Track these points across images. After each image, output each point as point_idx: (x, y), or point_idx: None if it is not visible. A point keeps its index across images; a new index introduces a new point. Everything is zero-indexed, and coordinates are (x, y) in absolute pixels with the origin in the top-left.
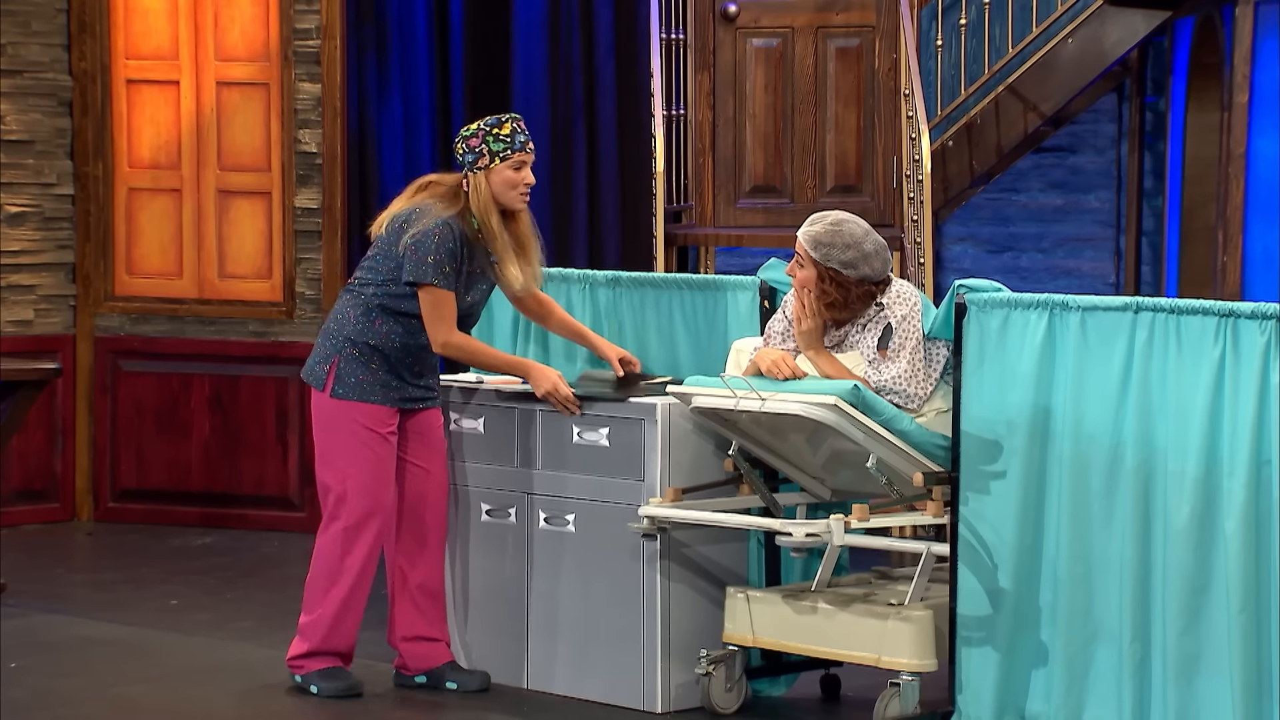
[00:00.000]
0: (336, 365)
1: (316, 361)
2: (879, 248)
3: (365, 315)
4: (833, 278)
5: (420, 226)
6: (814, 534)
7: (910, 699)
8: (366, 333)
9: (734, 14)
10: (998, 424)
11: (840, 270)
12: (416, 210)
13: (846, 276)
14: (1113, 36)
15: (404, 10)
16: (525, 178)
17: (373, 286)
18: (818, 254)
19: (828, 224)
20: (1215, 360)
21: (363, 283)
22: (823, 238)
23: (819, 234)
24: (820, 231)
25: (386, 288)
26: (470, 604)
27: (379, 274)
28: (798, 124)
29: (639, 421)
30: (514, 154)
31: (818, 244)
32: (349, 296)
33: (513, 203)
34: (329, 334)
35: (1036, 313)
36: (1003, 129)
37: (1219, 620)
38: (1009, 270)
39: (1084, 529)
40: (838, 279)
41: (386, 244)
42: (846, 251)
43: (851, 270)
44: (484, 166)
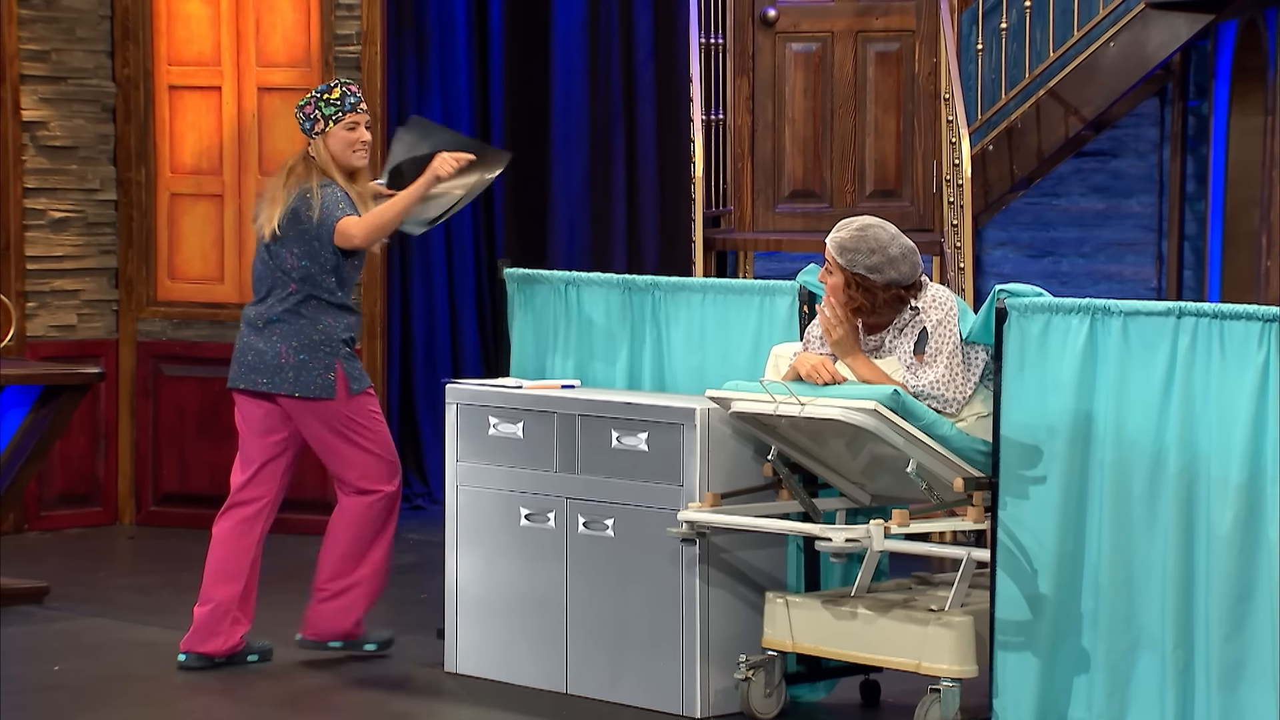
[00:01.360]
0: (341, 367)
1: (316, 374)
2: (906, 252)
3: (334, 312)
4: (859, 283)
5: (321, 200)
6: (854, 539)
7: (951, 705)
8: (340, 327)
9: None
10: (1038, 429)
11: (866, 275)
12: (302, 196)
13: (873, 281)
14: (1155, 40)
15: (444, 15)
16: (360, 136)
17: (324, 287)
18: (844, 259)
19: (853, 230)
20: (1259, 366)
21: (314, 285)
22: (848, 243)
23: (844, 240)
24: (846, 237)
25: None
26: (509, 608)
27: (321, 270)
28: (837, 128)
29: (678, 426)
30: (345, 115)
31: (843, 250)
32: (307, 306)
33: (352, 161)
34: (313, 346)
35: (1078, 318)
36: (1043, 133)
37: (1264, 627)
38: (1049, 275)
39: (1126, 535)
40: (864, 284)
41: (302, 241)
42: (871, 257)
43: (877, 275)
44: (320, 131)
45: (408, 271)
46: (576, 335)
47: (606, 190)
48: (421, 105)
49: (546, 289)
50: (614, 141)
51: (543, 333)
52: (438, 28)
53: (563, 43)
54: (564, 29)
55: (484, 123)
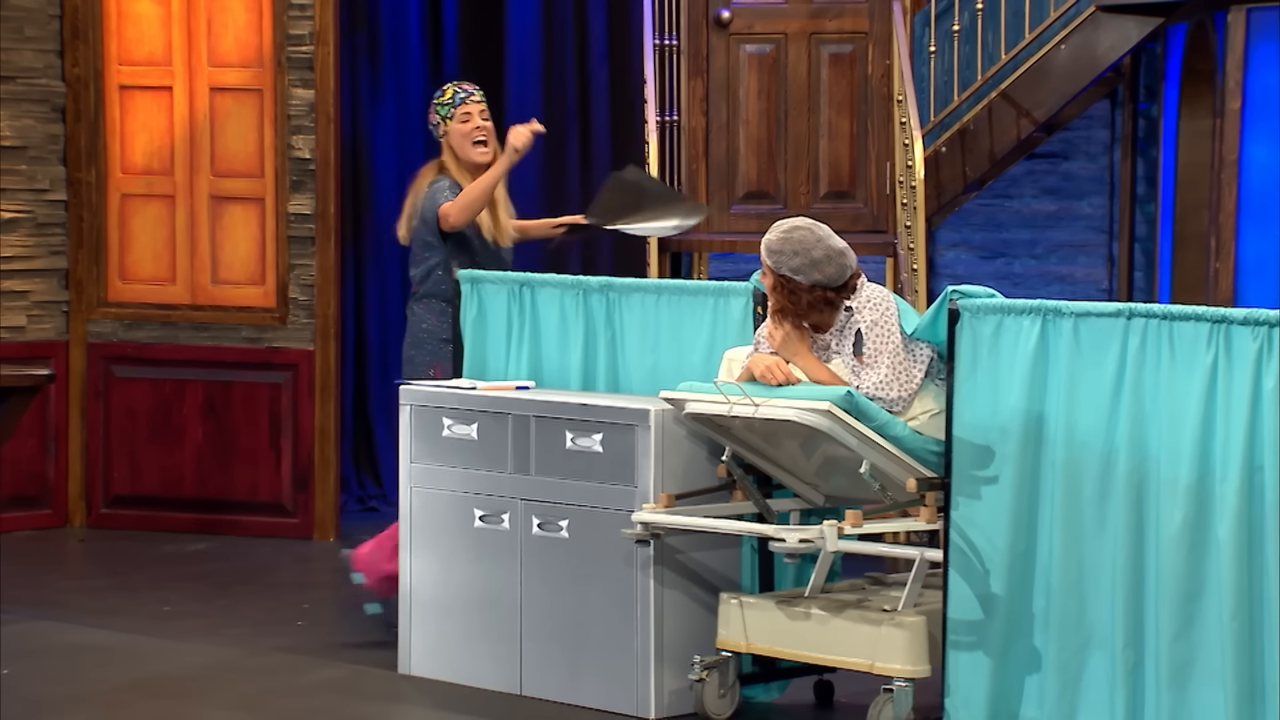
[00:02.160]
0: (439, 369)
1: (419, 371)
2: (833, 254)
3: (439, 310)
4: (784, 284)
5: (424, 196)
6: (807, 540)
7: (904, 705)
8: (443, 327)
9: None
10: (990, 430)
11: (791, 277)
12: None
13: (797, 283)
14: (1105, 43)
15: (397, 16)
16: (474, 124)
17: (427, 282)
18: (771, 261)
19: (781, 231)
20: (1208, 366)
21: (419, 283)
22: (774, 245)
23: (771, 242)
24: (772, 239)
25: (435, 274)
26: (464, 610)
27: (423, 267)
28: (791, 130)
29: (633, 427)
30: (457, 109)
31: (770, 251)
32: (418, 304)
33: (472, 154)
34: (418, 343)
35: (1029, 319)
36: (996, 135)
37: (1212, 626)
38: (1002, 276)
39: (1076, 535)
40: (788, 285)
41: (419, 241)
42: (795, 259)
43: (801, 276)
44: (443, 133)
45: (362, 273)
46: (530, 336)
47: (561, 192)
48: (375, 106)
49: (500, 290)
50: (569, 142)
51: (497, 334)
52: (391, 28)
53: (516, 43)
54: (518, 30)
55: None
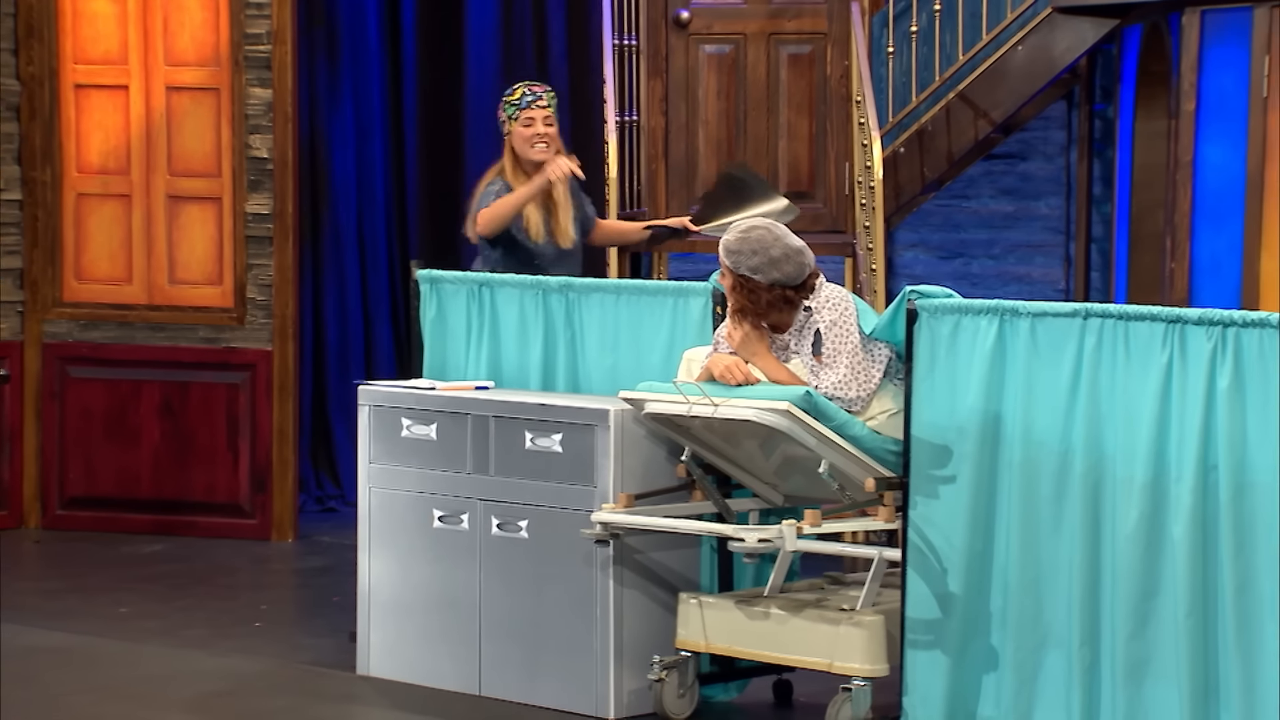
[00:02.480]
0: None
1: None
2: (790, 253)
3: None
4: (743, 284)
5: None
6: (766, 540)
7: (862, 704)
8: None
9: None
10: (948, 430)
11: (750, 276)
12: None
13: (756, 282)
14: (1062, 44)
15: (355, 15)
16: (536, 130)
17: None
18: (729, 261)
19: (738, 232)
20: (1163, 366)
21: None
22: (732, 245)
23: (729, 242)
24: (730, 240)
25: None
26: (423, 610)
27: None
28: (750, 130)
29: (592, 427)
30: (521, 112)
31: (728, 252)
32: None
33: (531, 156)
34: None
35: (987, 319)
36: (953, 136)
37: (1167, 624)
38: (960, 276)
39: (1033, 534)
40: (747, 285)
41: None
42: (753, 258)
43: (760, 275)
44: (508, 132)
45: (320, 273)
46: (490, 336)
47: None
48: (333, 105)
49: (459, 290)
50: None
51: (456, 334)
52: (349, 27)
53: (476, 43)
54: (477, 29)
55: (397, 123)
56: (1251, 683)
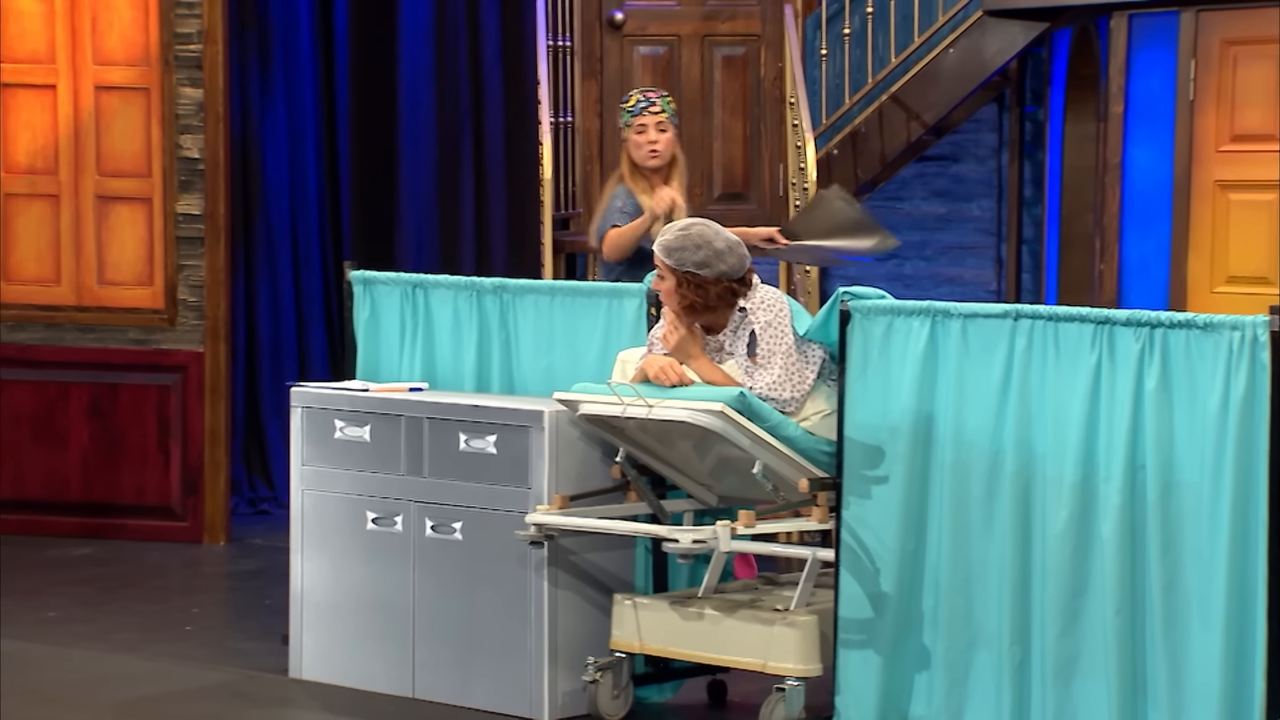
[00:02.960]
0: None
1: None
2: (732, 245)
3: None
4: (690, 280)
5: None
6: (700, 540)
7: (795, 704)
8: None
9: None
10: (881, 430)
11: (696, 272)
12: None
13: (703, 277)
14: (992, 47)
15: (288, 15)
16: (647, 138)
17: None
18: (672, 260)
19: (677, 231)
20: (1092, 367)
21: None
22: (674, 244)
23: (669, 241)
24: (671, 239)
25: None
26: (356, 613)
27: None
28: (685, 132)
29: (526, 429)
30: (635, 119)
31: (670, 250)
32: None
33: (642, 161)
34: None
35: (919, 320)
36: (886, 138)
37: (1096, 623)
38: (893, 278)
39: (965, 534)
40: (695, 280)
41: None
42: (698, 252)
43: (707, 270)
44: (625, 138)
45: (253, 273)
46: (424, 337)
47: (454, 192)
48: (265, 106)
49: (393, 291)
50: (462, 143)
51: (389, 335)
52: (281, 27)
53: (409, 44)
54: (410, 30)
55: (330, 123)
56: (1178, 680)
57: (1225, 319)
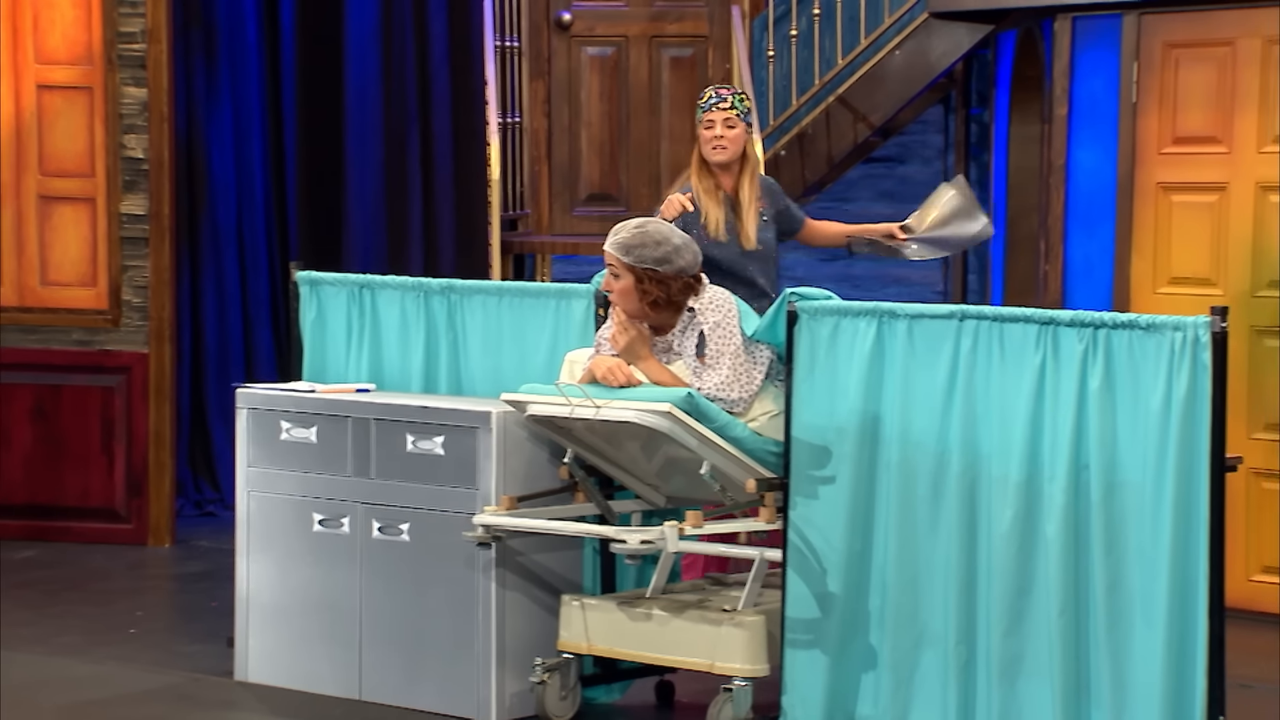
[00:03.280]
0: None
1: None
2: (686, 241)
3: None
4: (651, 277)
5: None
6: (648, 541)
7: (743, 704)
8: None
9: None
10: (828, 431)
11: (656, 268)
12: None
13: (663, 273)
14: (938, 49)
15: (233, 14)
16: (713, 133)
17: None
18: (630, 258)
19: (632, 229)
20: (1036, 367)
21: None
22: (631, 241)
23: (626, 240)
24: (627, 237)
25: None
26: (302, 615)
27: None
28: (633, 132)
29: (474, 430)
30: (704, 114)
31: (628, 249)
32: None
33: (708, 156)
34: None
35: (865, 320)
36: (833, 139)
37: (1040, 622)
38: (841, 278)
39: (911, 534)
40: (656, 277)
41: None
42: (658, 249)
43: (667, 265)
44: (698, 134)
45: (199, 274)
46: (371, 338)
47: (402, 193)
48: (211, 105)
49: (340, 291)
50: (409, 143)
51: (336, 336)
52: (227, 26)
53: (356, 43)
54: (357, 29)
55: (276, 123)
56: (1121, 679)
57: (1167, 320)
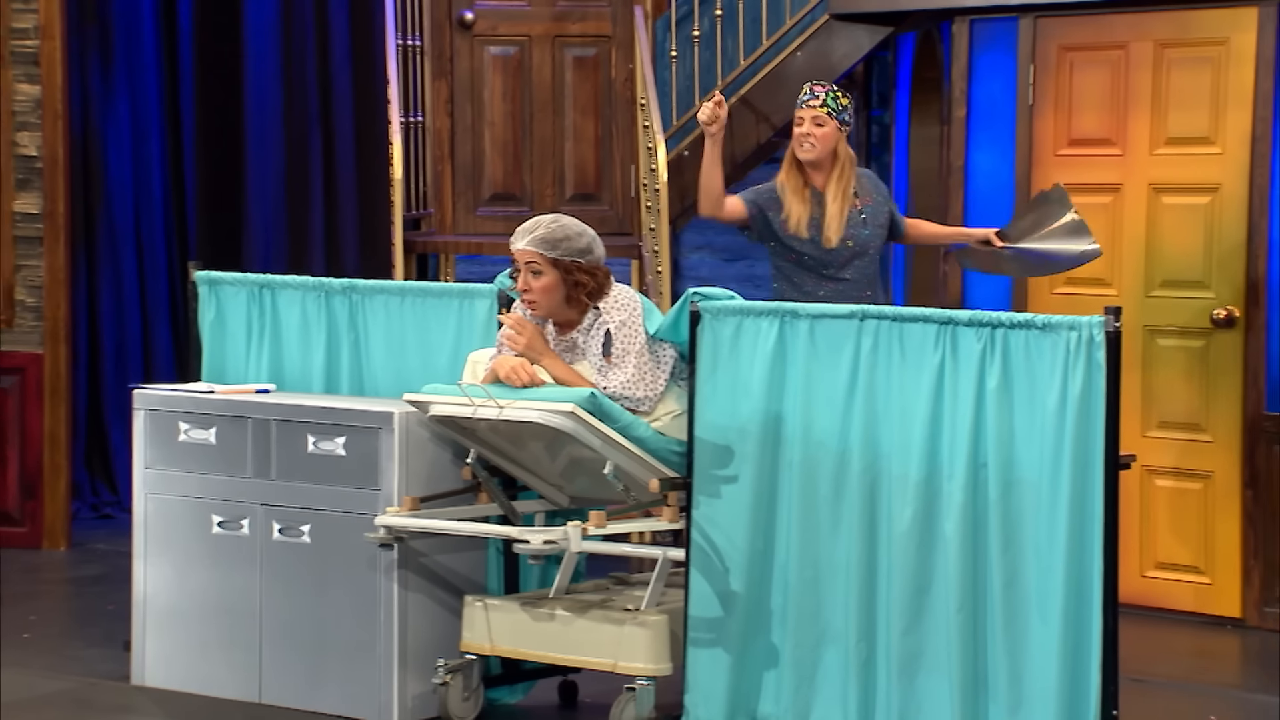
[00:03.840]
0: None
1: None
2: (595, 235)
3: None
4: (578, 268)
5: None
6: (551, 541)
7: (646, 704)
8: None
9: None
10: (730, 430)
11: (580, 259)
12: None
13: (587, 263)
14: (839, 50)
15: (130, 10)
16: (802, 130)
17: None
18: (558, 251)
19: (547, 225)
20: (935, 366)
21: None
22: (554, 235)
23: (548, 234)
24: (548, 232)
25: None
26: (201, 618)
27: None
28: (536, 132)
29: (376, 430)
30: (796, 111)
31: (553, 243)
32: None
33: (798, 153)
34: None
35: (768, 320)
36: (736, 139)
37: (939, 619)
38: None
39: (813, 533)
40: (584, 267)
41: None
42: (580, 239)
43: (590, 256)
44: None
45: (95, 273)
46: (271, 339)
47: (304, 192)
48: (107, 104)
49: (240, 291)
50: (311, 142)
51: (236, 336)
52: (124, 22)
53: (255, 41)
54: (256, 27)
55: (174, 121)
56: (1018, 674)
57: (1063, 319)
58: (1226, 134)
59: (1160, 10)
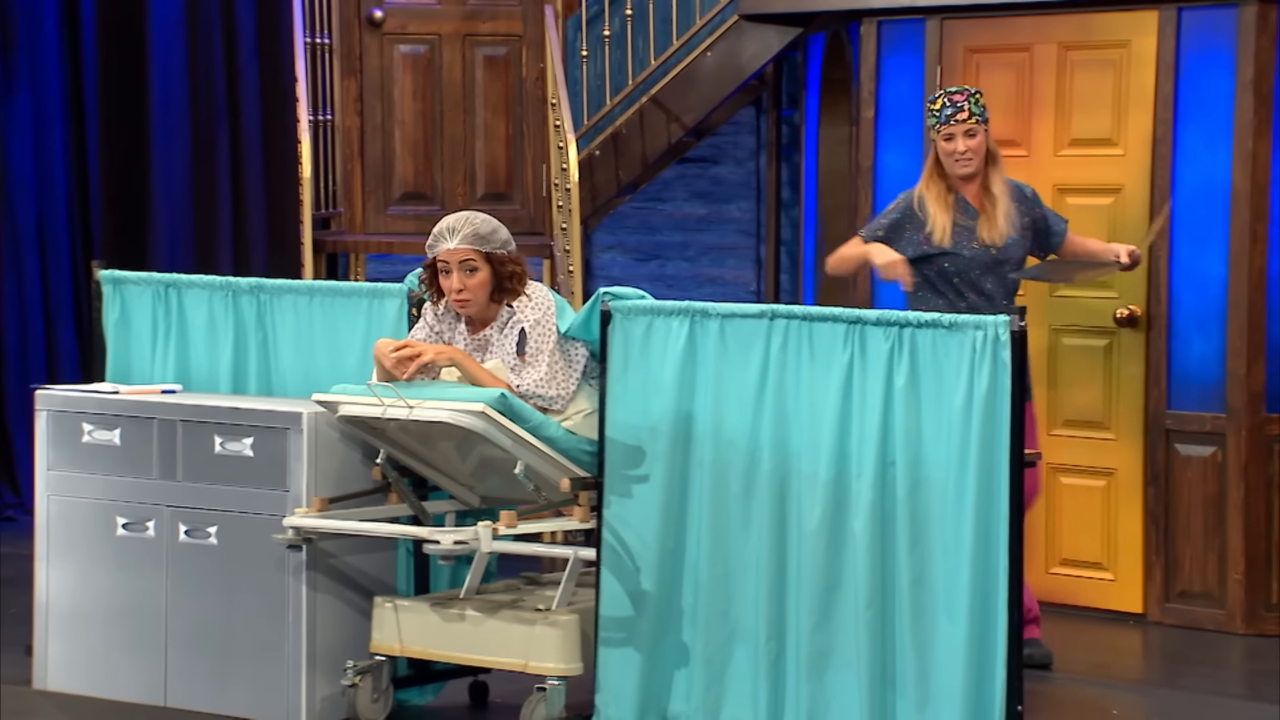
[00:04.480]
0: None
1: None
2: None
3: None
4: (510, 259)
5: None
6: (462, 541)
7: (556, 703)
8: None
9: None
10: (641, 430)
11: (505, 250)
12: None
13: (512, 254)
14: (749, 51)
15: (30, 4)
16: (955, 147)
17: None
18: (489, 246)
19: (474, 221)
20: (844, 365)
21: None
22: (483, 230)
23: (477, 230)
24: (476, 228)
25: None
26: (105, 621)
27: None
28: (447, 131)
29: (284, 431)
30: (942, 126)
31: (484, 239)
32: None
33: (952, 169)
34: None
35: (678, 320)
36: (647, 139)
37: (848, 617)
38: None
39: (723, 531)
40: (513, 258)
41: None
42: (502, 232)
43: (511, 247)
44: (933, 138)
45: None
46: (177, 339)
47: (211, 190)
48: (9, 102)
49: (144, 291)
50: (218, 141)
51: (141, 336)
52: (24, 15)
53: (160, 37)
54: (161, 23)
55: (78, 117)
56: (925, 670)
57: (969, 319)
58: (1128, 136)
59: (1063, 13)
